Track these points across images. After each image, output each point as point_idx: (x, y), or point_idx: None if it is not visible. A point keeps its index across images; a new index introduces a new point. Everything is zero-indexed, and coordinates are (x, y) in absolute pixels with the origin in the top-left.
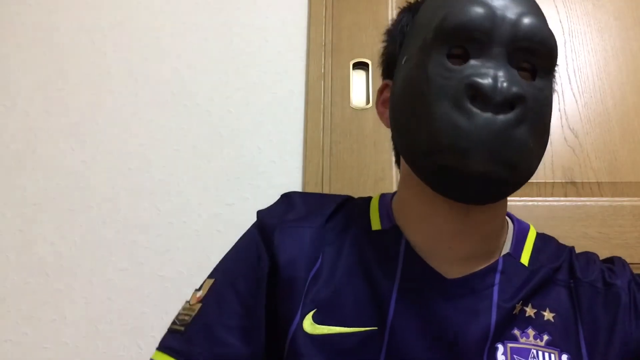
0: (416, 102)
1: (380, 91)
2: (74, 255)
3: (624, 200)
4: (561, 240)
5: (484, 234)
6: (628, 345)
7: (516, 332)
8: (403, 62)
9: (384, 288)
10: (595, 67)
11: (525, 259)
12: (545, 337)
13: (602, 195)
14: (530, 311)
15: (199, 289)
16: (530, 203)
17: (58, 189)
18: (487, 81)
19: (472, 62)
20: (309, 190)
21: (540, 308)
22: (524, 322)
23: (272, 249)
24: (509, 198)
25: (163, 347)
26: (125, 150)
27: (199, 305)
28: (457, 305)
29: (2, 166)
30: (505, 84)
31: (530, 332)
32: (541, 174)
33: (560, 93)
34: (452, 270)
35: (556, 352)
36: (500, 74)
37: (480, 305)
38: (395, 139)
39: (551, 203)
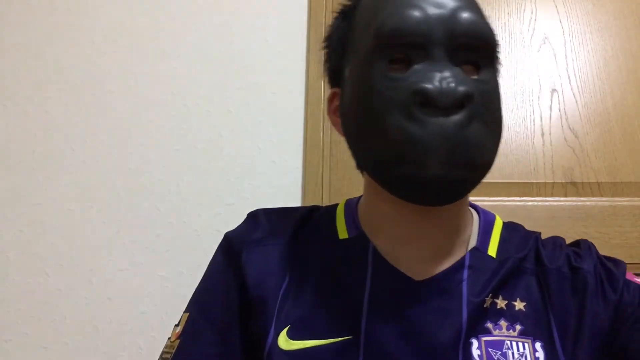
0: (366, 115)
1: (330, 100)
2: (74, 255)
3: (624, 200)
4: None
5: (449, 230)
6: (598, 329)
7: (489, 325)
8: (347, 74)
9: (355, 296)
10: (595, 67)
11: (492, 250)
12: (518, 327)
13: (602, 195)
14: (501, 303)
15: (178, 324)
16: (530, 203)
17: (58, 189)
18: (432, 86)
19: (415, 67)
20: (309, 190)
21: (510, 299)
22: (496, 315)
23: (240, 271)
24: (509, 198)
25: None
26: (125, 150)
27: (178, 341)
28: (428, 306)
29: (2, 166)
30: (451, 85)
31: (503, 323)
32: (541, 174)
33: (560, 93)
34: (421, 271)
35: (529, 341)
36: (445, 75)
37: (451, 303)
38: (351, 148)
39: (551, 203)
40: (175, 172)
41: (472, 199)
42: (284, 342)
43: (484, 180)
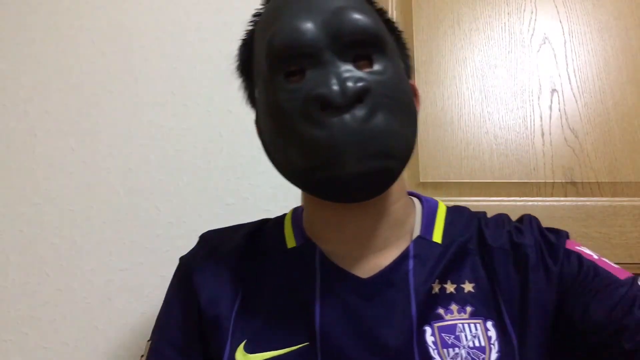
0: (276, 129)
1: (256, 123)
2: (74, 255)
3: (624, 200)
4: None
5: (389, 224)
6: (544, 302)
7: (440, 310)
8: (257, 95)
9: (307, 303)
10: (595, 67)
11: (437, 236)
12: (469, 309)
13: (602, 195)
14: (450, 287)
15: (143, 355)
16: (530, 203)
17: (58, 189)
18: (326, 89)
19: (309, 74)
20: None
21: (459, 282)
22: (446, 299)
23: (193, 292)
24: (509, 198)
25: None
26: (125, 150)
27: None
28: (377, 302)
29: (2, 166)
30: (346, 83)
31: (454, 307)
32: (541, 174)
33: (560, 93)
34: (368, 268)
35: (481, 321)
36: (337, 75)
37: (399, 296)
38: (273, 164)
39: (551, 203)
40: (175, 172)
41: (472, 198)
42: (242, 357)
43: (483, 180)
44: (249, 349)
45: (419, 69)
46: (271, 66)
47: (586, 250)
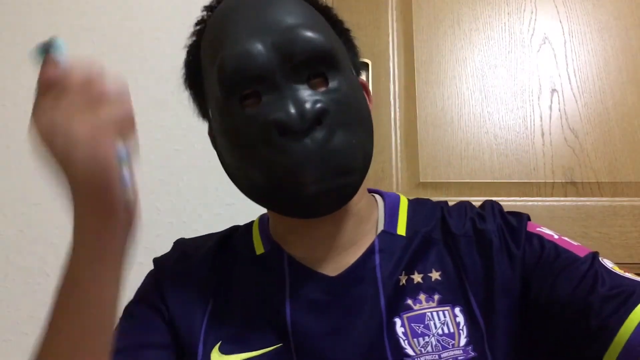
0: (236, 153)
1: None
2: None
3: (624, 200)
4: None
5: (352, 223)
6: (509, 286)
7: (409, 301)
8: (211, 112)
9: (278, 306)
10: (595, 67)
11: (401, 229)
12: (437, 297)
13: (602, 195)
14: (417, 277)
15: None
16: (530, 203)
17: (58, 189)
18: (284, 114)
19: (264, 99)
20: None
21: (425, 272)
22: (414, 290)
23: (165, 300)
24: (509, 198)
25: None
26: None
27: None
28: (347, 299)
29: (2, 166)
30: (303, 107)
31: (422, 296)
32: (541, 174)
33: (560, 93)
34: (335, 266)
35: (449, 308)
36: (294, 99)
37: (368, 290)
38: (236, 184)
39: (551, 203)
40: (175, 172)
41: (472, 198)
42: (217, 357)
43: (483, 180)
44: (225, 350)
45: (419, 69)
46: (224, 91)
47: (546, 231)
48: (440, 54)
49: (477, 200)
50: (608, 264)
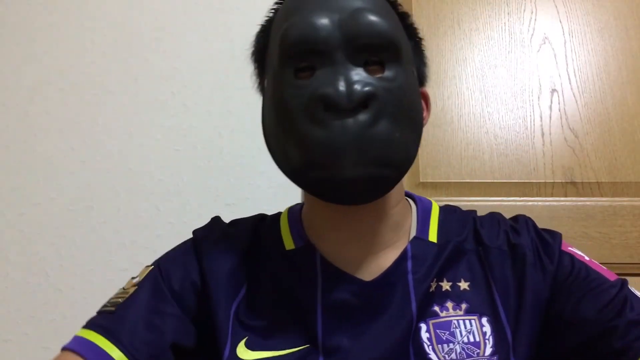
0: (278, 123)
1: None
2: (74, 255)
3: (624, 200)
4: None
5: (388, 226)
6: (539, 298)
7: (436, 308)
8: (265, 84)
9: (308, 307)
10: (595, 67)
11: (433, 236)
12: (464, 306)
13: (602, 195)
14: (446, 285)
15: (135, 276)
16: (530, 203)
17: (58, 189)
18: (333, 90)
19: (318, 73)
20: None
21: (455, 280)
22: (442, 297)
23: (201, 272)
24: (509, 198)
25: (91, 324)
26: (125, 150)
27: (134, 288)
28: (378, 303)
29: (2, 166)
30: (353, 87)
31: (449, 304)
32: (541, 174)
33: (560, 93)
34: (369, 270)
35: (476, 317)
36: (346, 77)
37: (399, 296)
38: (273, 158)
39: (551, 203)
40: (175, 172)
41: (472, 198)
42: (243, 352)
43: (483, 180)
44: (250, 346)
45: None
46: (282, 59)
47: (578, 252)
48: (440, 54)
49: (477, 200)
50: (637, 292)
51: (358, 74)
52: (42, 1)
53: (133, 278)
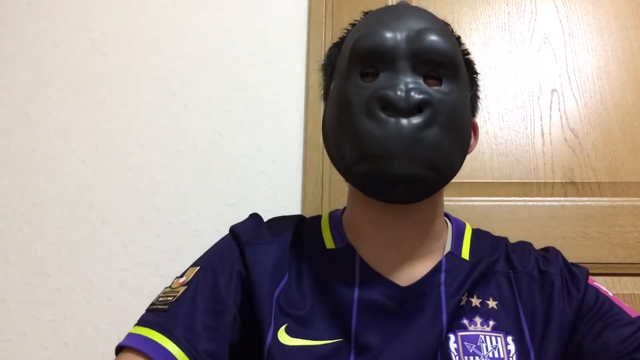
0: (338, 119)
1: None
2: (74, 255)
3: (624, 200)
4: (561, 241)
5: (427, 235)
6: (563, 324)
7: (465, 321)
8: (332, 88)
9: (345, 303)
10: (595, 67)
11: (465, 253)
12: (491, 323)
13: (602, 195)
14: (475, 301)
15: (181, 276)
16: (530, 203)
17: (58, 189)
18: (392, 91)
19: (381, 76)
20: (309, 190)
21: (484, 298)
22: (471, 312)
23: (244, 261)
24: (509, 198)
25: (144, 322)
26: (125, 150)
27: (184, 288)
28: (411, 309)
29: (2, 166)
30: (411, 92)
31: (478, 319)
32: (541, 174)
33: (560, 93)
34: (405, 276)
35: (502, 335)
36: (406, 83)
37: (432, 305)
38: (329, 154)
39: (551, 203)
40: (175, 172)
41: (472, 198)
42: (284, 337)
43: (483, 180)
44: (290, 332)
45: None
46: (350, 62)
47: (602, 287)
48: None
49: (477, 200)
50: None
51: (417, 82)
52: (42, 1)
53: (178, 278)
